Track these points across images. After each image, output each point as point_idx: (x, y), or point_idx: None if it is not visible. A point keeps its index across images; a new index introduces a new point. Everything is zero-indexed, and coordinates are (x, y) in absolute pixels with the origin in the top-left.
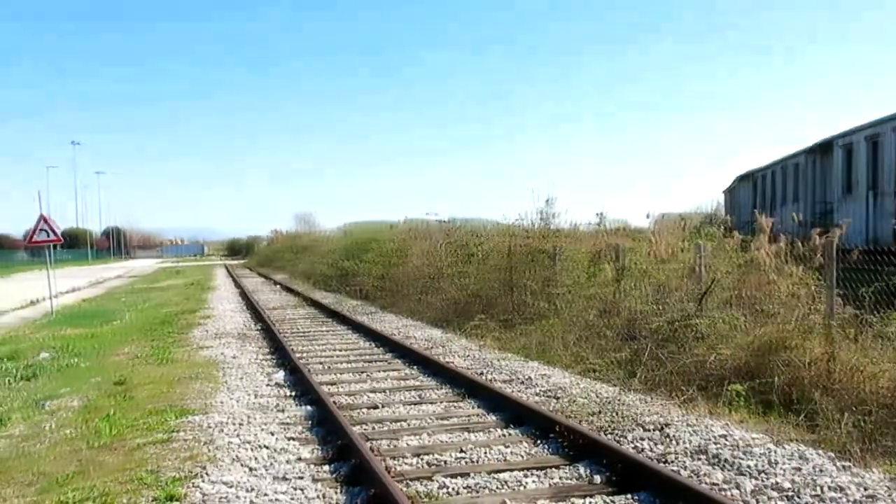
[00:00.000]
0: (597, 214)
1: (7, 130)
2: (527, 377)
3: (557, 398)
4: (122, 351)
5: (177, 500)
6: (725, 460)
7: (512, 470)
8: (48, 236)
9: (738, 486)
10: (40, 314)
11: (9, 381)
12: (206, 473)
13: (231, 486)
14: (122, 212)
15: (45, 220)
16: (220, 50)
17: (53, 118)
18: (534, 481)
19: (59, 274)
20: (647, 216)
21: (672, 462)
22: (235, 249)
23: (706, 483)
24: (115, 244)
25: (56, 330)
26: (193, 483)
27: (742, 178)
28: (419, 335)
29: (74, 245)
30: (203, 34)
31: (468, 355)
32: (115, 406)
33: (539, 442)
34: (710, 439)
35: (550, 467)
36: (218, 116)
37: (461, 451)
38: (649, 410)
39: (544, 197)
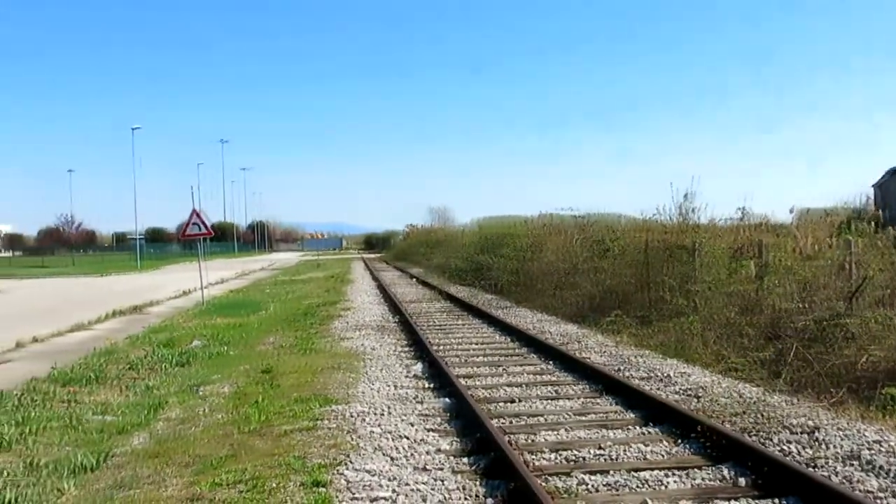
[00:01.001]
0: (738, 209)
1: (161, 129)
2: (665, 375)
3: (698, 397)
4: (268, 340)
5: (323, 486)
6: (881, 467)
7: (652, 469)
8: (200, 230)
9: (895, 496)
10: (192, 304)
11: (165, 366)
12: (350, 461)
13: (374, 475)
14: (265, 206)
15: (198, 215)
16: (362, 51)
17: (203, 117)
18: (675, 481)
19: (209, 265)
20: (790, 211)
21: (822, 467)
22: (372, 243)
23: (860, 490)
24: (258, 237)
25: (207, 319)
26: (338, 470)
27: (895, 172)
28: (554, 330)
29: (222, 238)
30: (356, 39)
31: (604, 351)
32: (262, 393)
33: (680, 441)
34: (862, 444)
35: (692, 468)
36: (353, 114)
37: (600, 447)
38: (796, 412)
39: (682, 191)
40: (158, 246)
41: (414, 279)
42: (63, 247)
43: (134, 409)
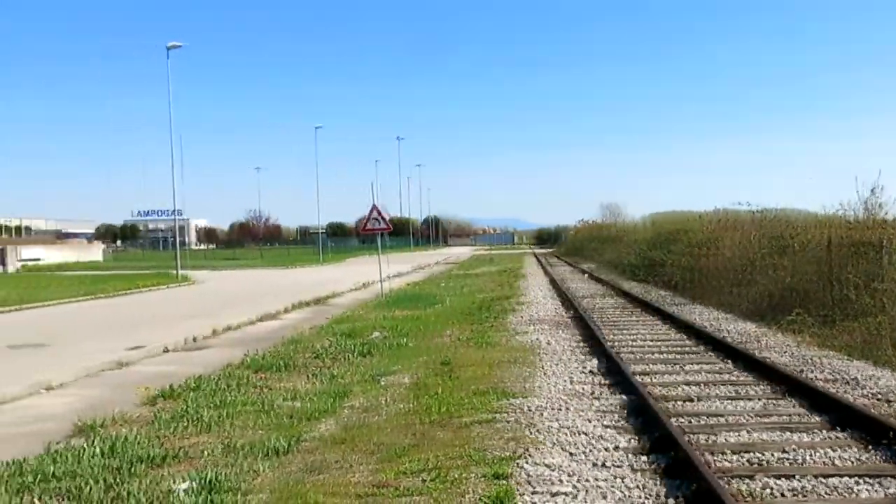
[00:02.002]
0: None
1: (341, 130)
2: (852, 377)
3: (889, 402)
4: (445, 333)
5: (503, 479)
6: None
7: (841, 475)
8: (379, 225)
9: None
10: (371, 296)
11: (348, 356)
12: (529, 455)
13: (553, 470)
14: (439, 202)
15: (377, 210)
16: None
17: (382, 116)
18: (867, 490)
19: (386, 259)
20: None
21: None
22: (543, 239)
23: None
24: (433, 232)
25: (386, 311)
26: (518, 463)
27: None
28: (731, 328)
29: (398, 233)
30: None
31: (785, 351)
32: (441, 385)
33: (871, 448)
34: None
35: (885, 476)
36: (527, 111)
37: (783, 451)
38: None
39: (869, 186)
40: (339, 240)
41: (586, 275)
42: (251, 240)
43: (321, 396)
